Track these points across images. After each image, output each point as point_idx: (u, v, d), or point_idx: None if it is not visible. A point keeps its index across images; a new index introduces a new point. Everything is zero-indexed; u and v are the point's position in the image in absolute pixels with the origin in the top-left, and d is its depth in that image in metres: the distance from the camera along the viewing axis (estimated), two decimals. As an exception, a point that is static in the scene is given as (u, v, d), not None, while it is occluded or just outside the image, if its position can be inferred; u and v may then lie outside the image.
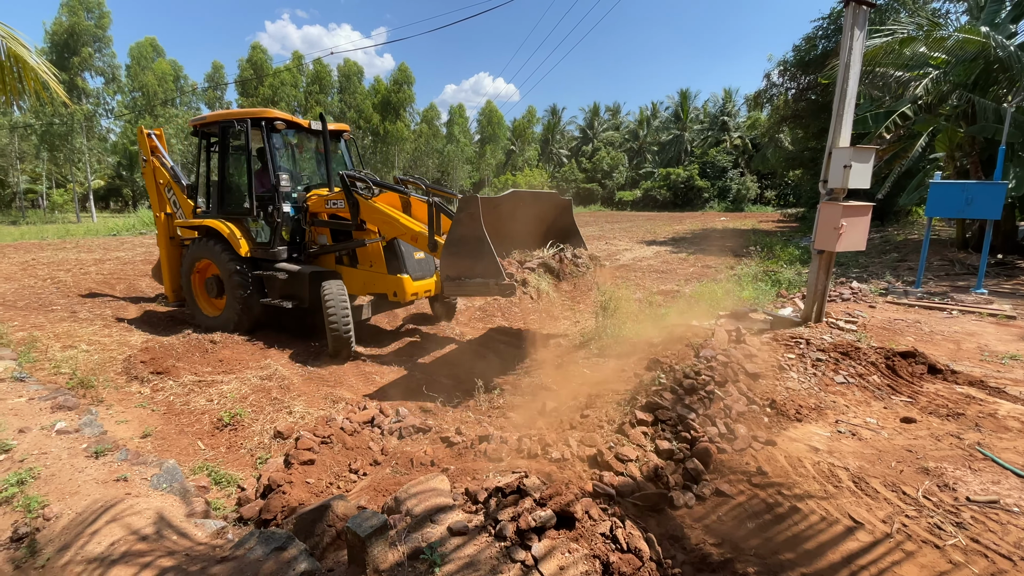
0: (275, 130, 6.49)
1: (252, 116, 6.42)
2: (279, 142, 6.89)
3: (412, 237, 5.69)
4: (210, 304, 7.09)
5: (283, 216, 6.47)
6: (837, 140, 5.10)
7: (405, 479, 3.22)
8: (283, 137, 6.98)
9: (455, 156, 52.44)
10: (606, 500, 2.50)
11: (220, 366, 5.37)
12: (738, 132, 51.44)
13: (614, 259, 14.50)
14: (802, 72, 19.24)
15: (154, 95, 36.07)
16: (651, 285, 9.89)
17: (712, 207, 47.18)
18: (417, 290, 6.21)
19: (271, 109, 6.91)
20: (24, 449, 3.10)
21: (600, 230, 25.69)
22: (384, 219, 5.81)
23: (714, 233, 22.80)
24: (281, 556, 2.05)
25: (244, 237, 6.53)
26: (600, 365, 5.07)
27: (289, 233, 6.61)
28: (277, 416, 4.28)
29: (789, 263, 11.06)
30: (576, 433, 3.29)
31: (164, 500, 2.63)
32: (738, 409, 3.61)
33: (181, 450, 3.73)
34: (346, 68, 46.40)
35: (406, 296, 6.04)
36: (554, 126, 68.20)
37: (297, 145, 7.46)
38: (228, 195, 7.04)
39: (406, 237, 5.77)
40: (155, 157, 7.87)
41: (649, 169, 57.37)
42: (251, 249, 6.50)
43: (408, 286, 6.02)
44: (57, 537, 2.34)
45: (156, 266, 8.34)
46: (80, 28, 33.12)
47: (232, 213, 6.84)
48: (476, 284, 4.62)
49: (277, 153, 6.75)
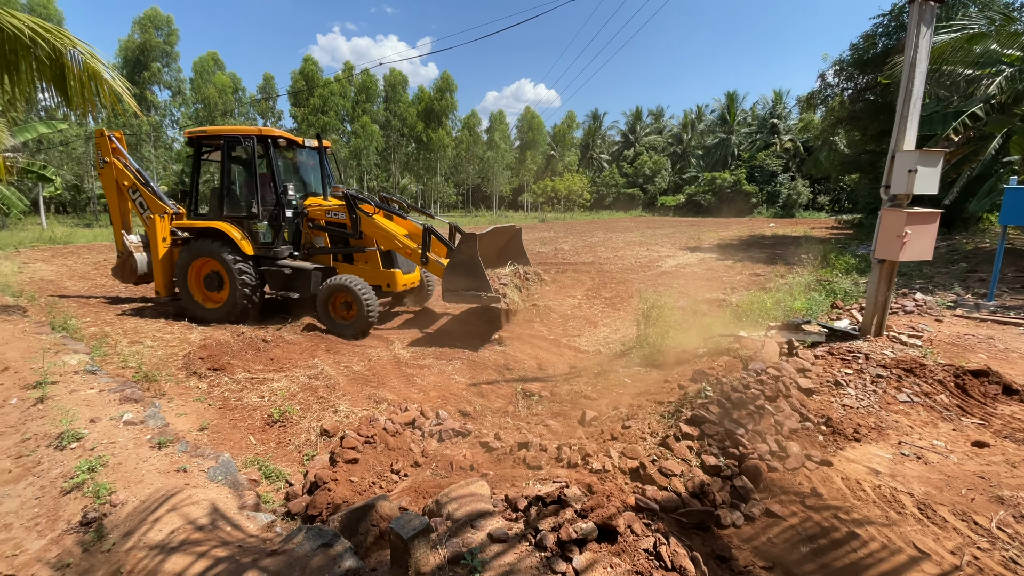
0: (278, 146, 7.53)
1: (257, 134, 7.40)
2: (279, 156, 7.83)
3: (407, 252, 7.00)
4: (207, 298, 7.77)
5: (286, 220, 7.53)
6: (901, 143, 4.81)
7: (445, 482, 3.25)
8: (282, 151, 7.93)
9: (495, 162, 52.93)
10: (649, 515, 2.43)
11: (271, 364, 5.60)
12: (789, 135, 49.48)
13: (655, 266, 14.21)
14: (860, 71, 18.31)
15: (215, 106, 38.25)
16: (695, 293, 9.62)
17: (760, 213, 45.53)
18: (405, 282, 7.59)
19: (272, 128, 7.96)
20: (94, 438, 3.33)
21: (641, 236, 25.25)
22: (383, 235, 7.10)
23: (762, 240, 21.96)
24: (328, 552, 2.11)
25: (247, 238, 7.50)
26: (641, 375, 4.96)
27: (290, 234, 7.69)
28: (323, 414, 4.42)
29: (845, 272, 10.49)
30: (617, 444, 3.22)
31: (219, 492, 2.76)
32: (790, 426, 3.45)
33: (234, 444, 3.91)
34: (391, 78, 47.70)
35: (397, 287, 7.37)
36: (595, 131, 67.72)
37: (291, 158, 8.40)
38: (231, 200, 7.81)
39: (402, 251, 7.05)
40: (116, 159, 8.30)
41: (693, 173, 56.04)
42: (255, 248, 7.46)
43: (399, 279, 7.37)
44: (122, 523, 2.49)
45: (117, 266, 8.74)
46: (150, 45, 35.62)
47: (234, 216, 7.69)
48: (471, 295, 6.28)
49: (283, 167, 7.87)
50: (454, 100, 48.04)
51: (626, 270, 13.40)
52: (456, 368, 5.83)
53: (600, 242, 21.91)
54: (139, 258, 8.34)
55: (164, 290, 8.12)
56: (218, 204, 7.82)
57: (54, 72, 4.80)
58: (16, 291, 9.30)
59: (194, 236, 7.68)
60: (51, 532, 2.57)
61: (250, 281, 7.28)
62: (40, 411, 3.78)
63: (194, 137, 7.76)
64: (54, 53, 4.63)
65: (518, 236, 7.75)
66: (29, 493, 2.89)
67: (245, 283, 7.25)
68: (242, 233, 7.47)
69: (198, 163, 7.99)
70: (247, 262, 7.33)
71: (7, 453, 3.35)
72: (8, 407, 3.97)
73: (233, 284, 7.29)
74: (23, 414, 3.81)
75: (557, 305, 9.03)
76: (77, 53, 5.12)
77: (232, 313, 7.42)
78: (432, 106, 47.20)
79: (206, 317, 7.54)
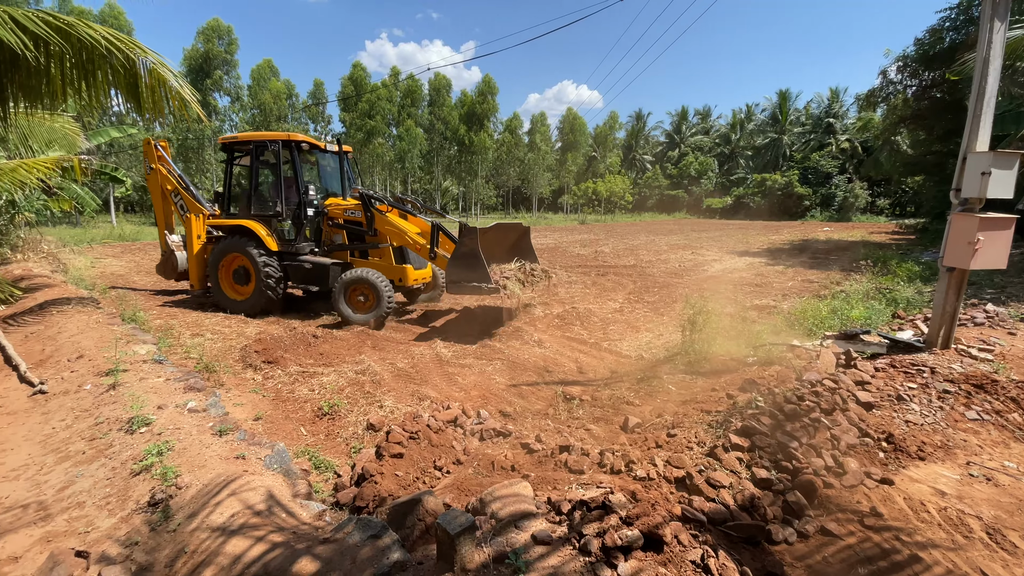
0: (301, 150, 8.06)
1: (283, 139, 7.94)
2: (302, 159, 8.34)
3: (417, 248, 7.44)
4: (235, 291, 8.39)
5: (308, 219, 8.10)
6: (973, 144, 4.49)
7: (487, 481, 3.28)
8: (305, 155, 8.40)
9: (536, 164, 52.92)
10: (696, 526, 2.37)
11: (320, 359, 5.82)
12: (846, 135, 47.02)
13: (700, 270, 13.83)
14: (925, 68, 17.19)
15: (270, 112, 40.10)
16: (744, 299, 9.30)
17: (813, 216, 43.49)
18: (417, 277, 8.06)
19: (297, 133, 8.37)
20: (161, 424, 3.56)
21: (685, 239, 24.63)
22: (395, 231, 7.56)
23: (816, 244, 20.97)
24: (376, 544, 2.17)
25: (272, 235, 8.09)
26: (686, 383, 4.84)
27: (311, 232, 8.22)
28: (369, 409, 4.55)
29: (908, 280, 9.87)
30: (663, 452, 3.16)
31: (274, 479, 2.89)
32: (848, 441, 3.28)
33: (286, 434, 4.08)
34: (436, 82, 48.54)
35: (408, 281, 7.81)
36: (638, 131, 66.59)
37: (314, 161, 8.97)
38: (257, 200, 8.44)
39: (412, 247, 7.50)
40: (160, 165, 9.21)
41: (741, 175, 54.21)
42: (279, 245, 8.05)
43: (411, 274, 7.82)
44: (187, 505, 2.65)
45: (160, 263, 9.64)
46: (213, 54, 37.71)
47: (261, 215, 8.27)
48: (472, 286, 6.54)
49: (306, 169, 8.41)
50: (495, 103, 48.41)
51: (670, 274, 13.11)
52: (496, 368, 5.87)
53: (642, 245, 21.53)
54: (180, 256, 9.21)
55: (197, 284, 8.78)
56: (247, 204, 8.49)
57: (127, 80, 5.13)
58: (89, 284, 10.06)
59: (226, 234, 8.34)
60: (121, 511, 2.75)
61: (274, 274, 7.84)
62: (112, 397, 4.07)
63: (227, 143, 8.48)
64: (127, 62, 4.95)
65: (527, 235, 8.03)
66: (101, 474, 3.12)
67: (269, 275, 7.81)
68: (268, 231, 8.08)
69: (230, 167, 8.75)
70: (272, 257, 7.92)
71: (82, 435, 3.63)
72: (83, 392, 4.30)
73: (258, 278, 7.88)
74: (96, 399, 4.11)
75: (598, 308, 8.94)
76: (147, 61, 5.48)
77: (256, 305, 7.99)
78: (474, 109, 47.74)
79: (234, 309, 8.19)
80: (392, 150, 45.49)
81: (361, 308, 7.47)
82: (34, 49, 4.13)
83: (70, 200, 14.22)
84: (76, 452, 3.41)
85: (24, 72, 4.52)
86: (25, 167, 7.41)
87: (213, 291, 8.48)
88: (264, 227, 8.10)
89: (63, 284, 9.15)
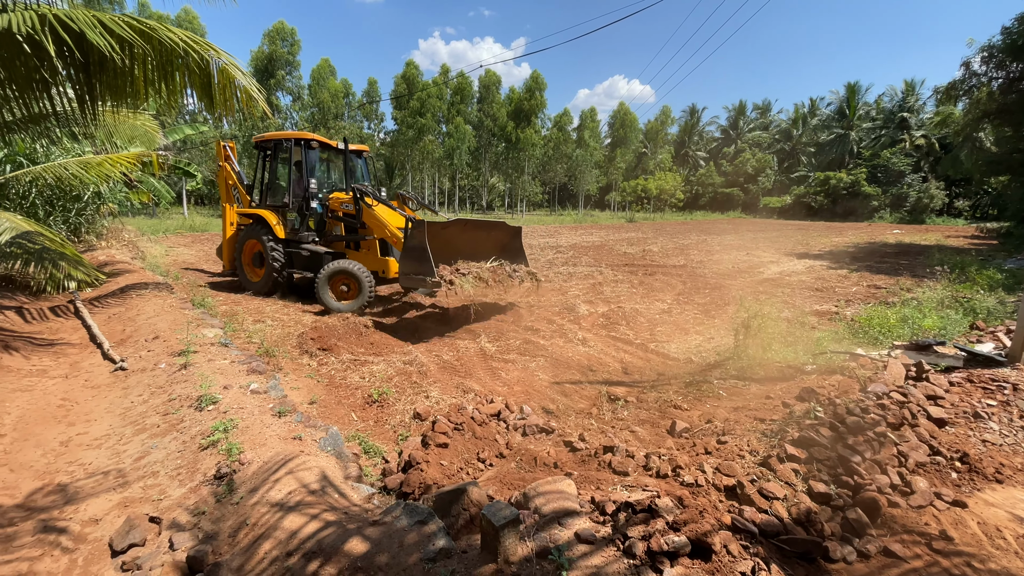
0: (311, 148, 8.68)
1: (295, 137, 8.60)
2: (314, 156, 8.99)
3: (394, 241, 7.60)
4: (253, 273, 9.29)
5: (311, 210, 8.66)
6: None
7: (529, 476, 3.30)
8: (317, 153, 9.00)
9: (584, 160, 52.35)
10: (747, 537, 2.29)
11: (371, 348, 6.02)
12: (921, 130, 43.71)
13: (756, 272, 13.26)
14: (1013, 59, 15.68)
15: (327, 110, 41.71)
16: (802, 304, 8.85)
17: (882, 217, 40.78)
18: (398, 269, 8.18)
19: (308, 132, 8.88)
20: (227, 403, 3.79)
21: (740, 239, 23.69)
22: (376, 224, 7.79)
23: (884, 248, 19.64)
24: (423, 529, 2.23)
25: (282, 224, 8.80)
26: (738, 389, 4.67)
27: (315, 223, 8.76)
28: (416, 398, 4.67)
29: (989, 289, 9.06)
30: (712, 459, 3.06)
31: (327, 461, 3.03)
32: (916, 459, 3.07)
33: (338, 419, 4.25)
34: (486, 79, 48.90)
35: (390, 273, 8.05)
36: (692, 127, 64.55)
37: (327, 159, 9.72)
38: (273, 193, 9.26)
39: (391, 239, 7.69)
40: (226, 163, 10.31)
41: (803, 173, 51.50)
42: (286, 233, 8.72)
43: (393, 266, 8.06)
44: (249, 480, 2.82)
45: (219, 247, 10.86)
46: (277, 55, 39.63)
47: (273, 206, 9.07)
48: (417, 279, 6.56)
49: (315, 165, 9.00)
50: (543, 99, 48.23)
51: (722, 275, 12.65)
52: (539, 365, 5.87)
53: (693, 244, 20.88)
54: None
55: (228, 264, 9.96)
56: (263, 196, 9.44)
57: (201, 80, 5.45)
58: (164, 271, 10.83)
59: (252, 222, 9.18)
60: (190, 482, 2.96)
61: (279, 259, 8.60)
62: (183, 376, 4.38)
63: (258, 142, 9.35)
64: (202, 62, 5.27)
65: (518, 235, 8.14)
66: (173, 446, 3.36)
67: (275, 259, 8.58)
68: (278, 220, 8.83)
69: (261, 162, 9.59)
70: (279, 244, 8.66)
71: (157, 410, 3.93)
72: (158, 370, 4.65)
73: (267, 262, 8.70)
74: (170, 377, 4.43)
75: (645, 309, 8.75)
76: (219, 61, 5.81)
77: (266, 285, 8.86)
78: (522, 105, 47.74)
79: (250, 288, 9.14)
80: (441, 147, 46.22)
81: (344, 297, 7.89)
82: (120, 51, 4.47)
83: (148, 192, 15.36)
84: (151, 425, 3.70)
85: (111, 73, 4.89)
86: (110, 161, 8.06)
87: (238, 272, 9.50)
88: (276, 217, 8.85)
89: (141, 270, 9.92)
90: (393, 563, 2.05)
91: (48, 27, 4.04)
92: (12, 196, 9.08)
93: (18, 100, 4.96)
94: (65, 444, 3.55)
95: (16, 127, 6.04)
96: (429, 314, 7.99)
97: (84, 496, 2.93)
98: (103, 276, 8.77)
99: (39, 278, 7.47)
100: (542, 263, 14.76)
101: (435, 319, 7.71)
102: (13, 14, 3.99)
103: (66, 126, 7.33)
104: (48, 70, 4.64)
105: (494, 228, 7.88)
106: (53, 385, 4.55)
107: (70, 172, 7.71)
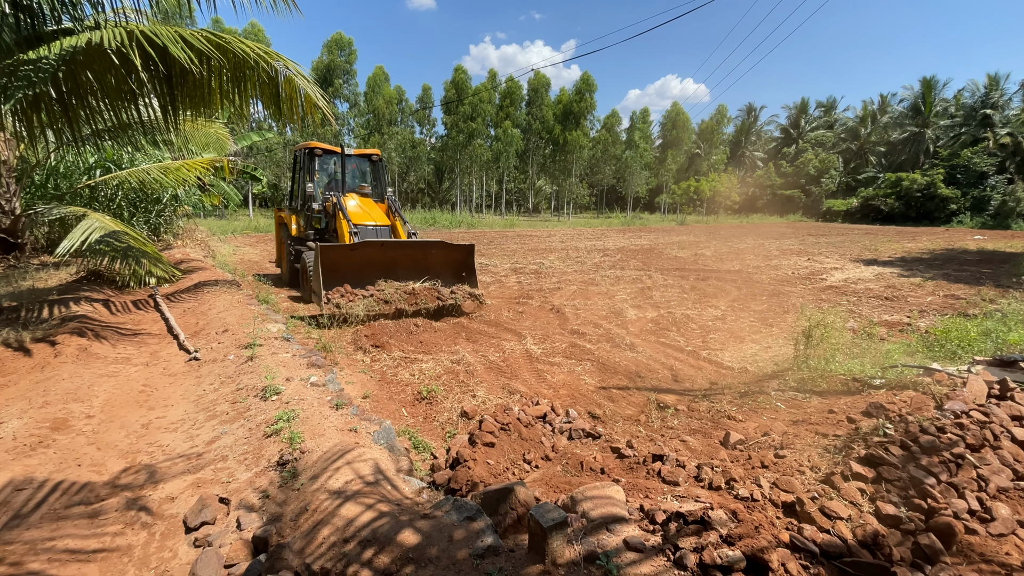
0: (316, 155, 9.58)
1: (305, 147, 9.63)
2: (320, 163, 9.90)
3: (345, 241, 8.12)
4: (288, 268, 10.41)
5: (311, 211, 9.53)
6: None
7: (575, 480, 3.28)
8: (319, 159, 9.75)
9: (633, 161, 51.34)
10: (807, 557, 2.18)
11: (420, 347, 6.18)
12: (1007, 128, 39.94)
13: (818, 278, 12.56)
14: None
15: (382, 116, 43.14)
16: (870, 314, 8.31)
17: (961, 222, 37.63)
18: None
19: (314, 141, 9.71)
20: (289, 394, 4.00)
21: (800, 243, 22.53)
22: (339, 227, 8.45)
23: (964, 255, 18.10)
24: (471, 526, 2.27)
25: (296, 224, 9.95)
26: (798, 401, 4.44)
27: (322, 224, 9.45)
28: (463, 397, 4.75)
29: (1090, 302, 8.18)
30: (769, 474, 2.94)
31: (381, 453, 3.14)
32: (999, 483, 2.82)
33: (390, 413, 4.40)
34: (535, 82, 49.03)
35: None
36: (749, 126, 62.01)
37: (337, 165, 10.37)
38: (292, 197, 10.61)
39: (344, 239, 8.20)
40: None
41: (872, 174, 48.35)
42: (297, 232, 9.85)
43: None
44: (309, 468, 2.96)
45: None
46: (335, 64, 41.43)
47: (292, 209, 10.37)
48: (315, 296, 7.28)
49: (315, 170, 9.76)
50: (593, 100, 47.79)
51: (780, 281, 12.08)
52: (586, 369, 5.83)
53: (749, 248, 20.06)
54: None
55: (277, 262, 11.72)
56: (291, 200, 10.71)
57: (270, 89, 5.80)
58: (232, 269, 11.56)
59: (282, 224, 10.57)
60: (255, 467, 3.14)
61: (291, 253, 9.85)
62: (250, 367, 4.66)
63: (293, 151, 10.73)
64: (271, 71, 5.61)
65: (471, 254, 8.39)
66: (240, 433, 3.58)
67: (288, 253, 9.95)
68: (296, 221, 10.00)
69: (293, 171, 10.74)
70: (291, 242, 9.90)
71: (226, 399, 4.20)
72: (227, 361, 4.97)
73: (287, 258, 10.13)
74: (238, 368, 4.73)
75: (696, 315, 8.49)
76: (285, 71, 6.16)
77: (287, 276, 10.22)
78: (571, 107, 47.49)
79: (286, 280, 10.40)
80: (489, 150, 46.73)
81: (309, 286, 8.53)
82: (199, 64, 4.83)
83: (219, 195, 16.46)
84: (221, 412, 3.96)
85: (190, 84, 5.30)
86: (187, 167, 8.71)
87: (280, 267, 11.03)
88: (294, 218, 10.04)
89: (212, 268, 10.63)
90: (443, 556, 2.10)
91: (135, 42, 4.42)
92: (101, 198, 9.98)
93: (108, 110, 5.46)
94: (146, 427, 3.86)
95: (105, 135, 6.64)
96: (477, 316, 8.10)
97: (162, 476, 3.17)
98: (179, 273, 9.47)
99: (124, 273, 8.15)
100: (588, 266, 14.62)
101: (483, 321, 7.81)
102: (104, 31, 4.38)
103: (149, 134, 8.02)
104: (135, 82, 5.08)
105: (432, 247, 8.15)
106: (135, 372, 4.96)
107: (151, 176, 8.40)
